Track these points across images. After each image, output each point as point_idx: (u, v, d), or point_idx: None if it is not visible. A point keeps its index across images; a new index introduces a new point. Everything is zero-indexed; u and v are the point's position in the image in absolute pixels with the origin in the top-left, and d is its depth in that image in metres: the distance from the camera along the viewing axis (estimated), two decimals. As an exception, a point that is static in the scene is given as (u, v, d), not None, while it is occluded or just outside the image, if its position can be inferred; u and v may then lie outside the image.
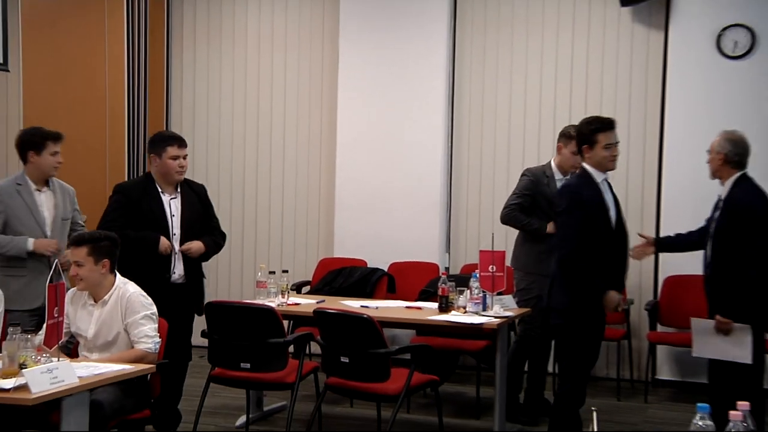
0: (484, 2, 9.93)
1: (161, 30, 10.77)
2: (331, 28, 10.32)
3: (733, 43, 9.08)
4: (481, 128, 9.91)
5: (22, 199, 6.67)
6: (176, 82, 10.94)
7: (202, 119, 10.76)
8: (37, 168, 6.79)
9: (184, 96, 10.90)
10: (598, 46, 9.58)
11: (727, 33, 9.08)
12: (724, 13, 9.08)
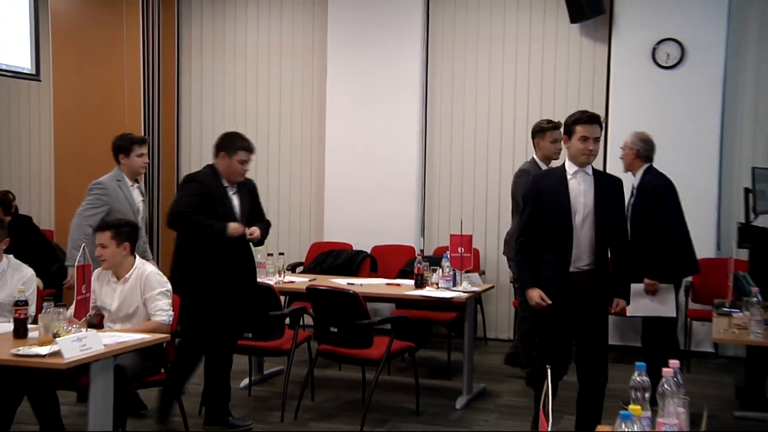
0: (452, 19, 9.97)
1: (172, 44, 10.76)
2: (320, 42, 10.35)
3: (666, 54, 9.16)
4: (450, 130, 9.97)
5: (122, 192, 6.80)
6: (186, 89, 10.95)
7: (208, 122, 10.76)
8: (128, 167, 6.94)
9: (192, 101, 10.92)
10: (551, 56, 9.66)
11: (661, 46, 9.16)
12: (657, 29, 9.18)
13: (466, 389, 7.38)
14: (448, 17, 9.99)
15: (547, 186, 5.68)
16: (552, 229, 5.56)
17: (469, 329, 7.45)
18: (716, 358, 8.82)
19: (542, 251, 5.63)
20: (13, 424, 5.69)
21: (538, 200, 5.62)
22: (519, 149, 9.57)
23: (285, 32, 10.56)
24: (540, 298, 5.51)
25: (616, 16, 9.31)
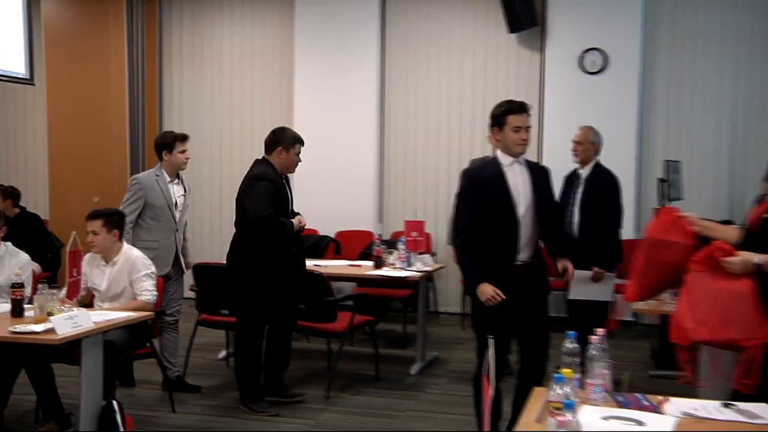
0: (406, 28, 10.04)
1: (155, 50, 10.70)
2: (288, 49, 10.35)
3: (591, 62, 9.27)
4: (405, 129, 10.03)
5: (158, 186, 6.58)
6: (167, 91, 10.91)
7: (188, 122, 10.70)
8: (171, 164, 6.70)
9: (173, 103, 10.89)
10: (493, 62, 9.74)
11: (587, 55, 9.27)
12: (583, 40, 9.30)
13: (419, 357, 7.48)
14: (402, 26, 10.05)
15: (486, 180, 4.90)
16: (496, 223, 4.84)
17: (422, 304, 7.53)
18: (636, 326, 8.93)
19: (486, 247, 4.89)
20: (12, 395, 5.67)
21: (480, 195, 4.87)
22: (464, 146, 9.65)
23: (257, 40, 10.56)
24: (494, 293, 4.73)
25: (548, 27, 9.40)
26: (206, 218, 10.65)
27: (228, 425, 5.97)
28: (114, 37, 10.12)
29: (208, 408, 6.36)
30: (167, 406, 6.20)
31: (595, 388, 3.25)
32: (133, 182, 6.64)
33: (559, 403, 2.39)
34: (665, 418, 3.09)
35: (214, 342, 7.86)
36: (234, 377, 6.58)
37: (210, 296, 6.90)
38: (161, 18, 10.73)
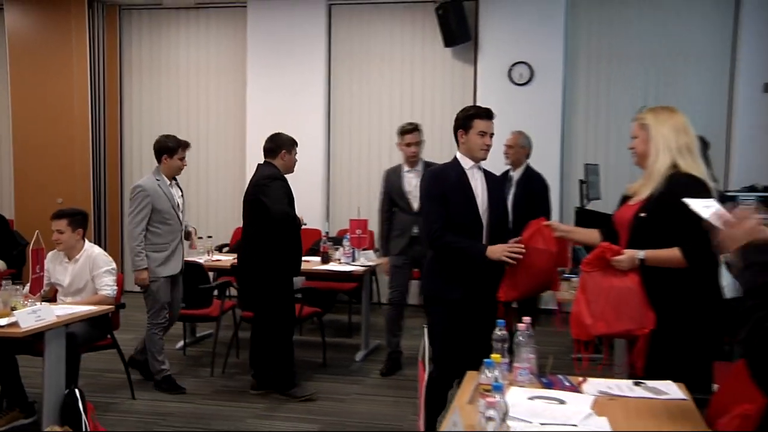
0: (350, 40, 10.00)
1: (115, 62, 10.55)
2: (241, 60, 10.25)
3: (519, 74, 9.33)
4: (349, 134, 10.04)
5: (162, 190, 6.34)
6: (127, 101, 10.75)
7: (147, 128, 10.55)
8: (169, 168, 6.49)
9: (133, 112, 10.73)
10: (430, 73, 9.76)
11: (515, 68, 9.34)
12: (512, 54, 9.38)
13: (363, 345, 7.52)
14: (347, 39, 10.02)
15: (450, 180, 4.55)
16: (461, 225, 4.48)
17: (366, 296, 7.57)
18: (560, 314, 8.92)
19: None
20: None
21: (444, 194, 4.51)
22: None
23: (211, 51, 10.45)
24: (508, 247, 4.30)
25: (480, 42, 9.44)
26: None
27: (183, 408, 5.93)
28: (76, 49, 9.94)
29: (166, 394, 6.29)
30: (127, 393, 6.12)
31: (522, 371, 3.28)
32: (138, 190, 6.32)
33: (489, 385, 2.39)
34: (584, 396, 3.13)
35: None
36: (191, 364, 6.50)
37: (168, 291, 6.83)
38: (121, 31, 10.57)
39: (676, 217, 3.39)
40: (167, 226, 6.34)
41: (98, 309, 5.44)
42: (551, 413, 2.88)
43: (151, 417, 5.74)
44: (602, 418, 2.86)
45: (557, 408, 2.96)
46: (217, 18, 10.34)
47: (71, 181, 10.00)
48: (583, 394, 3.16)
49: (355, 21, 9.95)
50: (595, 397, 3.11)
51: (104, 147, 10.35)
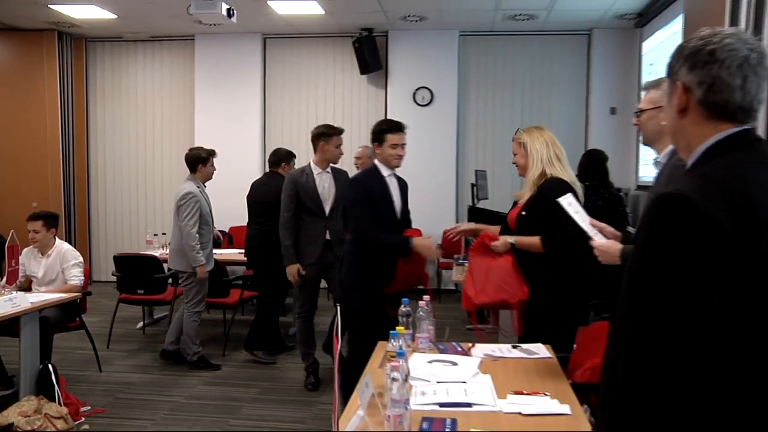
0: (282, 69, 9.94)
1: (82, 88, 10.27)
2: (189, 85, 10.09)
3: (422, 97, 9.43)
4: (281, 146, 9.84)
5: (203, 196, 6.18)
6: (93, 122, 10.44)
7: (109, 144, 10.34)
8: (204, 174, 6.32)
9: (98, 128, 10.43)
10: (349, 96, 9.77)
11: (418, 91, 9.44)
12: (415, 80, 9.46)
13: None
14: (279, 67, 9.95)
15: (375, 186, 4.38)
16: (384, 227, 4.34)
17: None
18: (456, 293, 9.06)
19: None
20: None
21: (371, 200, 4.34)
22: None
23: (164, 77, 10.25)
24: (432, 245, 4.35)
25: (390, 70, 9.49)
26: (125, 218, 10.32)
27: (143, 378, 5.86)
28: (48, 75, 9.68)
29: (128, 367, 6.21)
30: (95, 367, 6.01)
31: (423, 340, 3.32)
32: (190, 196, 6.02)
33: (394, 352, 2.44)
34: (472, 359, 3.19)
35: (133, 316, 7.64)
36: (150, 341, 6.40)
37: (129, 280, 6.71)
38: (87, 60, 10.29)
39: (545, 214, 3.51)
40: (207, 226, 6.19)
41: (67, 296, 5.34)
42: (446, 373, 2.94)
43: (116, 386, 5.65)
44: (486, 375, 2.92)
45: (451, 369, 3.01)
46: (169, 49, 10.16)
47: (44, 188, 9.74)
48: (472, 357, 3.22)
49: (286, 52, 9.89)
50: (481, 359, 3.18)
51: (73, 158, 10.08)
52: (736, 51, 1.53)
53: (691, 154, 1.60)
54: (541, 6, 8.19)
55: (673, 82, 1.63)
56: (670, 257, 1.40)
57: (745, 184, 1.43)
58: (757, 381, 1.45)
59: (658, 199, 1.47)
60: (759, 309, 1.42)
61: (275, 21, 8.99)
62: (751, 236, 1.39)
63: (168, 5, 8.11)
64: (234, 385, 5.72)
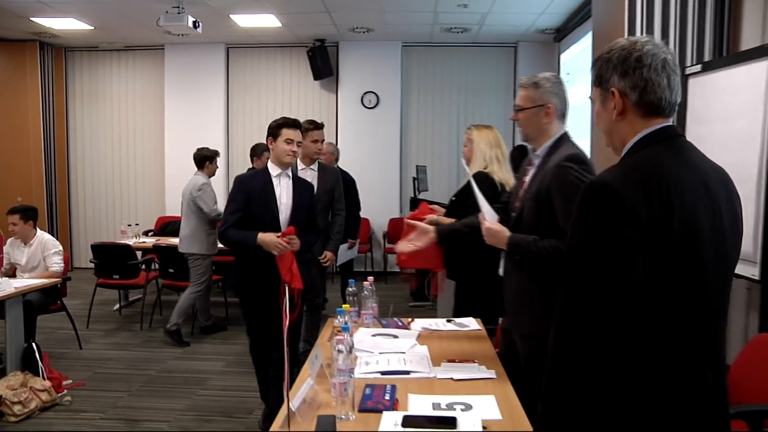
0: (243, 76, 9.79)
1: (62, 93, 9.98)
2: (159, 90, 9.86)
3: (369, 100, 9.40)
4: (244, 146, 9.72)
5: (212, 191, 6.24)
6: (72, 125, 10.14)
7: (87, 145, 10.08)
8: (211, 171, 6.35)
9: (77, 130, 10.14)
10: (303, 100, 9.66)
11: (366, 95, 9.41)
12: (363, 85, 9.42)
13: None
14: (241, 74, 9.80)
15: (255, 186, 3.86)
16: (259, 228, 3.77)
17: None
18: (401, 274, 9.11)
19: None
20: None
21: (246, 199, 3.83)
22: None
23: (137, 83, 10.00)
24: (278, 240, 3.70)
25: (340, 77, 9.44)
26: (102, 210, 10.10)
27: (120, 354, 5.76)
28: (31, 82, 9.39)
29: (106, 344, 6.09)
30: (76, 345, 5.90)
31: (367, 316, 3.33)
32: (206, 185, 6.20)
33: (339, 327, 2.45)
34: (411, 332, 3.20)
35: (110, 299, 7.50)
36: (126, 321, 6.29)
37: (105, 266, 6.57)
38: (66, 68, 10.00)
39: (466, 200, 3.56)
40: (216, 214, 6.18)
41: (49, 281, 5.23)
42: (387, 345, 2.95)
43: (95, 362, 5.54)
44: (423, 346, 2.94)
45: (392, 341, 3.02)
46: (141, 57, 9.93)
47: (28, 184, 9.46)
48: (411, 330, 3.23)
49: (247, 60, 9.75)
50: (419, 332, 3.20)
51: (54, 157, 9.80)
52: (656, 55, 1.56)
53: (623, 149, 1.62)
54: (474, 21, 8.24)
55: (605, 89, 1.62)
56: (595, 239, 1.42)
57: (661, 174, 1.44)
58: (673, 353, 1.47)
59: (586, 187, 1.49)
60: (671, 289, 1.44)
61: (237, 32, 8.88)
62: (666, 221, 1.40)
63: (140, 17, 7.95)
64: (202, 360, 5.65)
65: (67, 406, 4.58)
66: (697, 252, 1.45)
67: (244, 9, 7.69)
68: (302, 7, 7.62)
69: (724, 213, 1.51)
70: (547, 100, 2.68)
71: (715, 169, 1.59)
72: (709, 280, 1.49)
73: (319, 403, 2.25)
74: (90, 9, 7.69)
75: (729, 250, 1.55)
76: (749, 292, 3.96)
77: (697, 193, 1.46)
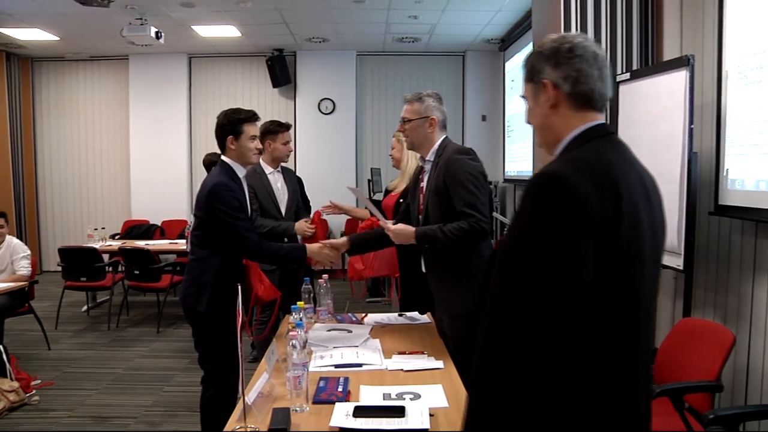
0: (205, 84, 9.66)
1: (29, 103, 9.71)
2: (124, 99, 9.66)
3: (326, 106, 9.36)
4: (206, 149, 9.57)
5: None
6: (39, 134, 9.89)
7: (55, 153, 9.84)
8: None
9: (44, 139, 9.90)
10: (263, 107, 9.48)
11: (322, 102, 9.37)
12: (320, 92, 9.38)
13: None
14: (203, 82, 9.67)
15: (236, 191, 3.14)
16: None
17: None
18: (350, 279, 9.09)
19: None
20: None
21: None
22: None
23: (103, 92, 9.79)
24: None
25: (298, 84, 9.39)
26: (69, 215, 9.88)
27: (88, 354, 5.64)
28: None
29: (75, 344, 5.96)
30: (44, 346, 5.75)
31: (323, 312, 3.33)
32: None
33: (294, 324, 2.45)
34: (365, 326, 3.21)
35: (78, 300, 7.35)
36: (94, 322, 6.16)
37: (72, 269, 6.43)
38: (33, 77, 9.75)
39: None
40: None
41: (16, 285, 5.11)
42: (341, 339, 2.96)
43: (63, 362, 5.41)
44: (376, 340, 2.96)
45: (346, 335, 3.03)
46: (107, 67, 9.72)
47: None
48: (364, 325, 3.24)
49: (209, 69, 9.63)
50: (372, 326, 3.21)
51: (22, 165, 9.51)
52: (588, 47, 1.49)
53: (558, 145, 1.52)
54: (424, 31, 8.29)
55: (538, 82, 1.53)
56: (546, 232, 1.28)
57: (611, 170, 1.36)
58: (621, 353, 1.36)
59: (536, 179, 1.35)
60: (619, 286, 1.34)
61: (199, 42, 8.77)
62: (615, 216, 1.31)
63: (104, 29, 7.79)
64: (167, 357, 5.57)
65: (36, 405, 4.47)
66: (640, 248, 1.36)
67: (205, 20, 7.61)
68: (261, 18, 7.57)
69: (656, 211, 1.46)
70: (431, 113, 3.04)
71: (645, 169, 1.52)
72: (644, 279, 1.40)
73: (274, 397, 2.25)
74: (55, 20, 7.52)
75: (659, 246, 1.48)
76: (676, 281, 4.08)
77: (637, 190, 1.39)
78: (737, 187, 3.40)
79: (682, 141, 3.43)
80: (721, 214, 3.54)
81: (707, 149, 3.71)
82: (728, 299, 3.63)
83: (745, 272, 3.48)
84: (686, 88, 3.42)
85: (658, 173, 1.65)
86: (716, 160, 3.54)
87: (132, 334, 6.29)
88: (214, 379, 3.11)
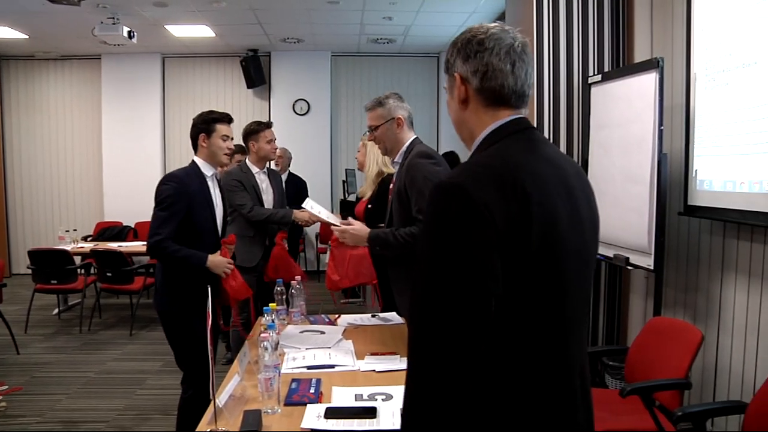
0: (179, 84, 9.56)
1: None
2: (96, 98, 9.53)
3: (300, 107, 9.34)
4: (179, 152, 9.53)
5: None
6: (8, 131, 9.71)
7: (25, 154, 9.66)
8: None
9: (14, 139, 9.72)
10: (237, 108, 9.49)
11: (297, 103, 9.35)
12: (294, 93, 9.36)
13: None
14: (177, 82, 9.57)
15: (194, 188, 3.17)
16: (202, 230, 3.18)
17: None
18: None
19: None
20: None
21: (188, 203, 3.11)
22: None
23: (74, 92, 9.64)
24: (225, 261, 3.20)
25: (273, 85, 9.35)
26: (40, 217, 9.71)
27: (59, 358, 5.53)
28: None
29: (45, 348, 5.85)
30: (13, 350, 5.64)
31: (296, 314, 3.31)
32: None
33: (265, 325, 2.43)
34: (338, 327, 3.20)
35: (49, 303, 7.22)
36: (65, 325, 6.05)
37: (43, 272, 6.31)
38: (1, 77, 9.59)
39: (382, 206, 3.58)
40: None
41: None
42: (314, 340, 2.94)
43: (32, 366, 5.31)
44: (349, 341, 2.94)
45: (319, 336, 3.01)
46: (79, 67, 9.58)
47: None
48: (337, 326, 3.22)
49: (183, 69, 9.55)
50: (345, 327, 3.19)
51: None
52: (501, 39, 1.38)
53: (473, 142, 1.42)
54: (398, 32, 8.30)
55: (451, 75, 1.44)
56: (445, 245, 1.20)
57: (516, 170, 1.26)
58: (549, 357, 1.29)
59: (435, 189, 1.26)
60: (533, 297, 1.26)
61: (172, 42, 8.67)
62: (524, 223, 1.21)
63: (75, 27, 7.67)
64: (140, 360, 5.50)
65: (3, 411, 4.37)
66: (558, 251, 1.27)
67: (179, 20, 7.53)
68: (235, 18, 7.52)
69: (582, 207, 1.36)
70: (395, 113, 3.04)
71: (570, 163, 1.42)
72: (571, 280, 1.31)
73: (246, 399, 2.23)
74: (24, 18, 7.38)
75: (588, 244, 1.38)
76: (647, 281, 4.13)
77: (554, 188, 1.29)
78: (706, 188, 3.45)
79: (652, 142, 3.47)
80: (690, 215, 3.58)
81: (677, 150, 3.76)
82: (698, 298, 3.68)
83: (713, 271, 3.54)
84: (656, 90, 3.46)
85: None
86: (685, 161, 3.59)
87: (104, 337, 6.20)
88: (192, 381, 3.18)
